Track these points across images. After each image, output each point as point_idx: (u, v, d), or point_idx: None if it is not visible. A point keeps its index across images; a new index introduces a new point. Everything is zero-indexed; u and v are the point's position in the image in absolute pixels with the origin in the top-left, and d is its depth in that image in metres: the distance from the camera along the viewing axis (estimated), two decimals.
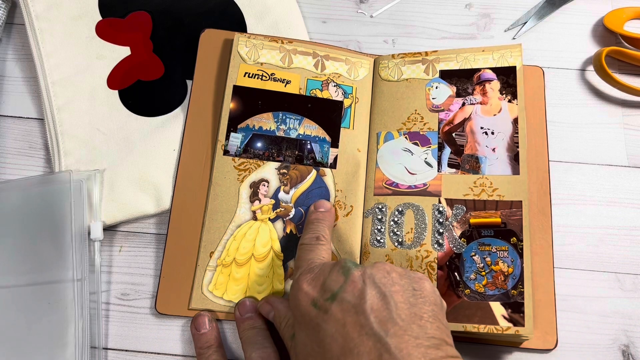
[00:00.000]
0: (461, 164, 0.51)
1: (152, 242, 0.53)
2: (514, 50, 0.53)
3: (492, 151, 0.51)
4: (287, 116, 0.53)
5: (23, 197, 0.51)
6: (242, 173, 0.52)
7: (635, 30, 0.60)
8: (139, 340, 0.50)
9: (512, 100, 0.52)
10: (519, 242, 0.47)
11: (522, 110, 0.51)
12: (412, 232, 0.49)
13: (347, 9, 0.61)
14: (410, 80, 0.54)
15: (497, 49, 0.53)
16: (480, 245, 0.48)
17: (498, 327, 0.45)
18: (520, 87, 0.52)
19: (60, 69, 0.55)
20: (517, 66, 0.52)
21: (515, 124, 0.51)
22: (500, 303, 0.46)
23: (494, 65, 0.53)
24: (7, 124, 0.56)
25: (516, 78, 0.52)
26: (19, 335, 0.47)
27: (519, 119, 0.51)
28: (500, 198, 0.49)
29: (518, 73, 0.52)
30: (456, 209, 0.49)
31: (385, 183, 0.51)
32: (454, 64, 0.54)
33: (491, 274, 0.47)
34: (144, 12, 0.59)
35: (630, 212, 0.54)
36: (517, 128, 0.51)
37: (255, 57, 0.55)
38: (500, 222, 0.48)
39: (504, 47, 0.53)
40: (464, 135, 0.52)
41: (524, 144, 0.50)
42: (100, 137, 0.54)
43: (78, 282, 0.48)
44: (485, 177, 0.50)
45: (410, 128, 0.53)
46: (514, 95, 0.52)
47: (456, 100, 0.53)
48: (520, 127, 0.51)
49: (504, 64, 0.53)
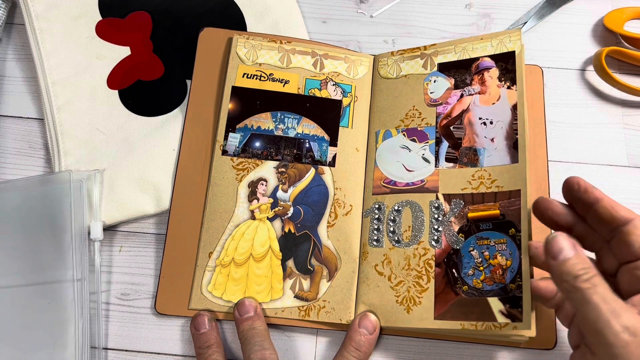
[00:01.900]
0: (459, 157, 0.50)
1: (152, 242, 0.53)
2: (513, 34, 0.51)
3: (490, 142, 0.50)
4: (285, 115, 0.53)
5: (23, 197, 0.51)
6: (241, 173, 0.52)
7: (635, 30, 0.60)
8: (139, 340, 0.50)
9: (511, 87, 0.50)
10: (517, 233, 0.46)
11: (521, 95, 0.49)
12: (410, 230, 0.49)
13: (347, 9, 0.61)
14: (409, 76, 0.54)
15: (496, 35, 0.52)
16: (479, 240, 0.47)
17: (496, 324, 0.44)
18: (519, 72, 0.50)
19: (60, 69, 0.56)
20: (516, 51, 0.51)
21: (515, 110, 0.49)
22: (498, 298, 0.45)
23: (492, 53, 0.52)
24: (7, 124, 0.56)
25: (515, 63, 0.51)
26: (19, 335, 0.47)
27: (518, 104, 0.49)
28: (499, 189, 0.48)
29: (517, 57, 0.51)
30: (454, 203, 0.49)
31: (383, 182, 0.51)
32: (452, 55, 0.53)
33: (489, 268, 0.46)
34: (144, 12, 0.59)
35: None
36: (516, 115, 0.49)
37: (253, 57, 0.55)
38: (499, 214, 0.47)
39: (503, 33, 0.52)
40: (462, 128, 0.51)
41: (524, 131, 0.48)
42: (100, 137, 0.54)
43: (78, 282, 0.48)
44: (483, 170, 0.49)
45: (408, 125, 0.52)
46: (513, 81, 0.50)
47: (454, 92, 0.52)
48: (519, 112, 0.49)
49: (502, 49, 0.51)
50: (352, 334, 0.47)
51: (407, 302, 0.47)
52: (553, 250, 0.38)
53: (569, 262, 0.37)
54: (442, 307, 0.46)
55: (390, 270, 0.48)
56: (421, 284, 0.47)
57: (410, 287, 0.47)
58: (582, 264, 0.37)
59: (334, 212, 0.51)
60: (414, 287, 0.47)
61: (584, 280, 0.36)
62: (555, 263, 0.38)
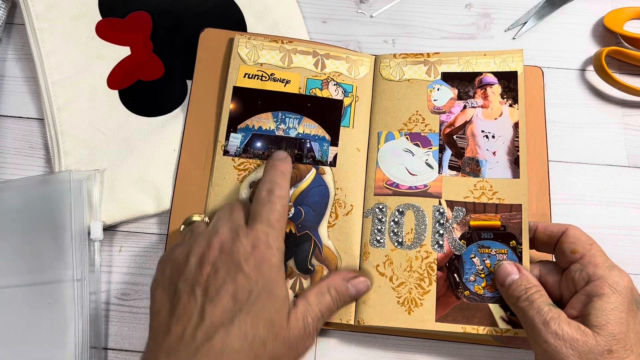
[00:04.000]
0: (462, 166, 0.51)
1: (152, 242, 0.53)
2: (515, 55, 0.53)
3: (492, 154, 0.51)
4: (286, 115, 0.53)
5: (23, 197, 0.51)
6: (242, 173, 0.52)
7: (635, 30, 0.60)
8: (139, 340, 0.50)
9: (513, 105, 0.52)
10: (518, 246, 0.47)
11: (522, 115, 0.51)
12: (412, 233, 0.49)
13: (347, 9, 0.61)
14: (412, 80, 0.54)
15: (499, 53, 0.53)
16: (480, 248, 0.48)
17: (497, 329, 0.45)
18: (521, 92, 0.52)
19: (60, 69, 0.55)
20: (518, 71, 0.52)
21: (516, 128, 0.51)
22: (499, 305, 0.46)
23: (495, 70, 0.53)
24: (7, 124, 0.56)
25: (517, 83, 0.52)
26: (19, 335, 0.47)
27: (519, 123, 0.51)
28: (500, 201, 0.49)
29: (519, 78, 0.52)
30: (456, 210, 0.49)
31: (385, 183, 0.51)
32: (456, 66, 0.54)
33: (490, 276, 0.47)
34: (144, 12, 0.59)
35: (630, 212, 0.54)
36: (517, 132, 0.51)
37: (255, 57, 0.55)
38: (499, 225, 0.48)
39: (506, 52, 0.53)
40: (465, 138, 0.52)
41: (525, 149, 0.50)
42: (100, 137, 0.54)
43: (78, 282, 0.48)
44: (485, 180, 0.50)
45: (411, 129, 0.53)
46: (515, 100, 0.52)
47: (457, 102, 0.53)
48: (520, 131, 0.51)
49: (505, 68, 0.53)
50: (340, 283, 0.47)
51: (409, 304, 0.47)
52: (501, 276, 0.45)
53: (512, 286, 0.44)
54: (443, 310, 0.47)
55: (391, 271, 0.48)
56: (423, 286, 0.47)
57: (412, 288, 0.48)
58: (525, 284, 0.43)
59: (334, 212, 0.51)
60: (415, 289, 0.48)
61: (523, 300, 0.42)
62: (503, 288, 0.45)
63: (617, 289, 0.40)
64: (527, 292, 0.42)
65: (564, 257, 0.44)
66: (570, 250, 0.44)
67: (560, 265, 0.45)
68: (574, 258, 0.43)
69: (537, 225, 0.47)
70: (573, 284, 0.43)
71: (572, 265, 0.44)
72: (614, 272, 0.41)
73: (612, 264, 0.43)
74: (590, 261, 0.43)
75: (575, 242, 0.44)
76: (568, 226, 0.45)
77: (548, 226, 0.46)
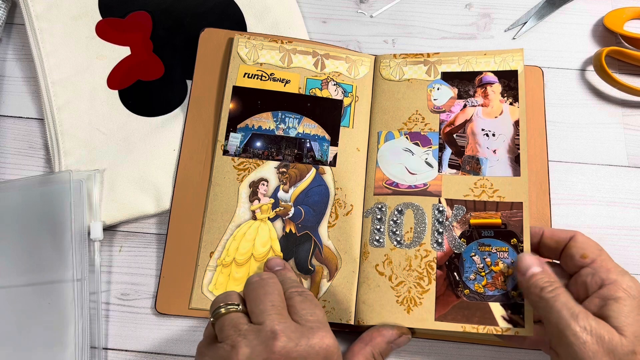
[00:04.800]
0: (462, 165, 0.51)
1: (152, 242, 0.53)
2: (515, 54, 0.53)
3: (492, 153, 0.51)
4: (286, 115, 0.53)
5: (23, 197, 0.51)
6: (242, 173, 0.52)
7: (635, 30, 0.60)
8: (139, 340, 0.50)
9: (513, 103, 0.52)
10: (519, 243, 0.47)
11: (523, 113, 0.51)
12: (412, 232, 0.49)
13: (347, 9, 0.61)
14: (412, 80, 0.54)
15: (499, 52, 0.53)
16: (480, 246, 0.48)
17: (497, 328, 0.45)
18: (521, 91, 0.52)
19: (60, 69, 0.55)
20: (518, 70, 0.52)
21: (517, 126, 0.51)
22: (499, 304, 0.46)
23: (495, 69, 0.53)
24: (7, 124, 0.56)
25: (517, 81, 0.52)
26: (19, 335, 0.47)
27: (520, 121, 0.51)
28: (501, 199, 0.49)
29: (519, 77, 0.52)
30: (456, 209, 0.49)
31: (385, 183, 0.51)
32: (456, 66, 0.54)
33: (491, 274, 0.47)
34: (144, 12, 0.59)
35: (630, 212, 0.54)
36: (518, 130, 0.51)
37: (254, 57, 0.55)
38: (500, 223, 0.48)
39: (506, 52, 0.53)
40: (465, 137, 0.52)
41: (525, 147, 0.50)
42: (100, 137, 0.54)
43: (78, 282, 0.48)
44: (485, 179, 0.50)
45: (411, 128, 0.53)
46: (515, 98, 0.52)
47: (457, 101, 0.53)
48: (521, 129, 0.51)
49: (505, 67, 0.53)
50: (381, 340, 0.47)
51: (408, 303, 0.47)
52: (522, 266, 0.44)
53: (535, 276, 0.42)
54: (443, 309, 0.46)
55: (391, 271, 0.48)
56: (422, 285, 0.47)
57: (411, 287, 0.48)
58: (547, 278, 0.42)
59: (334, 212, 0.51)
60: (414, 288, 0.47)
61: (548, 291, 0.41)
62: (524, 278, 0.43)
63: (632, 293, 0.40)
64: (552, 285, 0.41)
65: (573, 261, 0.44)
66: (580, 255, 0.44)
67: (567, 270, 0.45)
68: (584, 263, 0.43)
69: (543, 231, 0.47)
70: (584, 288, 0.43)
71: (582, 270, 0.43)
72: (626, 277, 0.41)
73: (623, 269, 0.43)
74: (602, 265, 0.43)
75: (585, 247, 0.44)
76: (575, 232, 0.45)
77: (555, 232, 0.46)
